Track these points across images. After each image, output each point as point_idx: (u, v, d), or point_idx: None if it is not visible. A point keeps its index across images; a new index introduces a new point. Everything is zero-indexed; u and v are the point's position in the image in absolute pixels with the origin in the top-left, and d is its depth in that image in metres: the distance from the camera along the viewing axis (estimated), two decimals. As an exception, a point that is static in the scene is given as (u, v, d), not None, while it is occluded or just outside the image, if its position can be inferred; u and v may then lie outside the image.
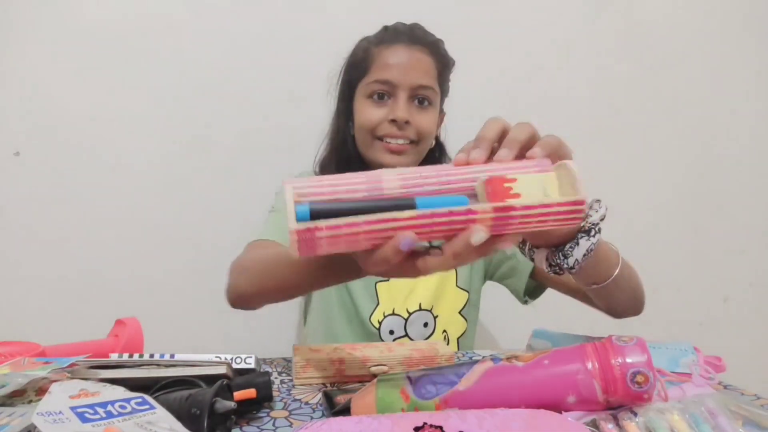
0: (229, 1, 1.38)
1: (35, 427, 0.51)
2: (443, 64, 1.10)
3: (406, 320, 1.10)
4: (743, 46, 1.61)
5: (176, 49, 1.37)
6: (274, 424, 0.66)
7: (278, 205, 1.04)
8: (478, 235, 0.50)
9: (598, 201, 0.73)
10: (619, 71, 1.56)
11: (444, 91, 1.13)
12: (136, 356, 0.71)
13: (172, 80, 1.37)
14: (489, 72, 1.49)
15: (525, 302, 1.14)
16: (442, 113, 1.15)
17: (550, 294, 1.59)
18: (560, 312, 1.56)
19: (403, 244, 0.50)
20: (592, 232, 0.70)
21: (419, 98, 1.05)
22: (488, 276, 1.18)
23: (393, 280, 1.09)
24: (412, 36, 1.07)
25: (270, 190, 1.21)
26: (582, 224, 0.69)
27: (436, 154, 1.17)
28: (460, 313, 1.15)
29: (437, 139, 1.17)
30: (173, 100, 1.38)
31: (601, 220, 0.71)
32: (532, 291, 1.12)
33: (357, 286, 1.10)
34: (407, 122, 1.03)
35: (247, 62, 1.39)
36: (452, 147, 1.22)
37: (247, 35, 1.39)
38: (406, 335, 1.11)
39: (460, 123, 1.46)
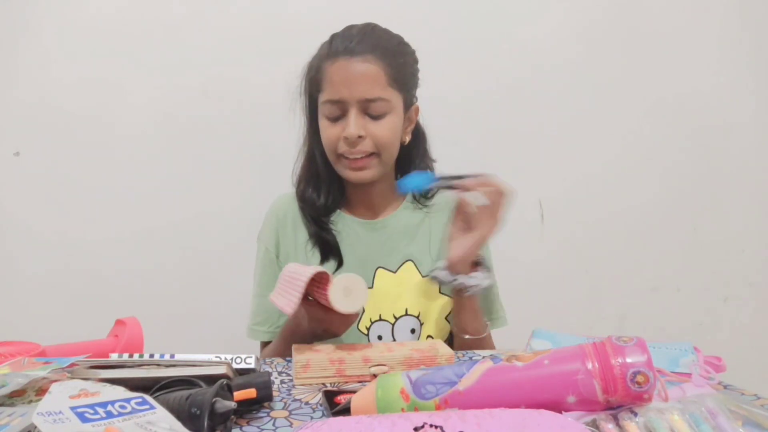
0: (232, 3, 1.39)
1: (35, 427, 0.51)
2: (396, 65, 1.06)
3: (393, 325, 1.10)
4: (743, 45, 1.61)
5: (176, 49, 1.37)
6: (274, 424, 0.66)
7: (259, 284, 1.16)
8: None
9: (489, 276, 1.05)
10: (620, 71, 1.56)
11: (407, 89, 1.09)
12: (136, 356, 0.71)
13: (173, 81, 1.37)
14: (491, 71, 1.50)
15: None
16: (414, 105, 1.13)
17: (549, 294, 1.59)
18: (560, 312, 1.57)
19: None
20: (473, 280, 1.02)
21: (370, 112, 1.04)
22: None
23: (377, 287, 1.11)
24: (359, 43, 1.04)
25: (271, 192, 1.21)
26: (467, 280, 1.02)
27: (417, 145, 1.16)
28: (446, 318, 1.14)
29: (418, 126, 1.15)
30: (174, 102, 1.38)
31: (483, 285, 1.03)
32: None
33: None
34: (360, 137, 1.03)
35: (249, 62, 1.39)
36: (434, 148, 1.22)
37: (247, 35, 1.39)
38: (394, 340, 1.11)
39: (445, 125, 1.47)
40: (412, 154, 1.16)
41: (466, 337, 1.06)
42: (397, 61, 1.07)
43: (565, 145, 1.55)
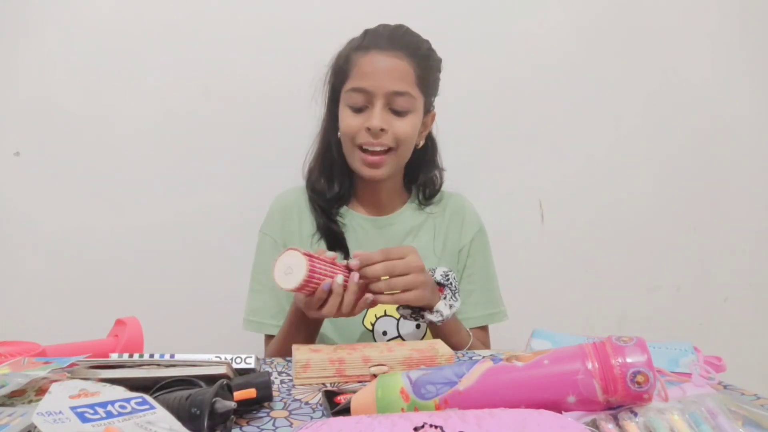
0: (232, 3, 1.39)
1: (35, 427, 0.51)
2: (424, 67, 1.09)
3: (398, 320, 1.11)
4: (743, 45, 1.61)
5: (176, 49, 1.37)
6: (274, 424, 0.66)
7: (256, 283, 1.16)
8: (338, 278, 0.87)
9: (452, 304, 0.97)
10: (619, 70, 1.56)
11: (429, 93, 1.12)
12: (136, 356, 0.71)
13: (173, 81, 1.37)
14: (490, 71, 1.50)
15: None
16: (431, 112, 1.15)
17: (549, 294, 1.59)
18: (560, 312, 1.57)
19: (325, 286, 0.86)
20: (437, 315, 0.95)
21: (395, 107, 1.06)
22: None
23: None
24: (391, 40, 1.07)
25: (272, 189, 1.21)
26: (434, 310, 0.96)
27: (427, 154, 1.18)
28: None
29: (430, 136, 1.18)
30: (174, 101, 1.38)
31: (446, 315, 0.96)
32: None
33: None
34: (383, 130, 1.04)
35: (249, 62, 1.39)
36: (449, 143, 1.22)
37: (247, 35, 1.39)
38: (399, 335, 1.11)
39: (459, 122, 1.47)
40: (423, 160, 1.18)
41: (465, 348, 1.04)
42: (425, 63, 1.10)
43: (565, 144, 1.55)
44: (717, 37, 1.60)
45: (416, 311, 0.97)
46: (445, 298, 0.97)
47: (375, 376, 0.81)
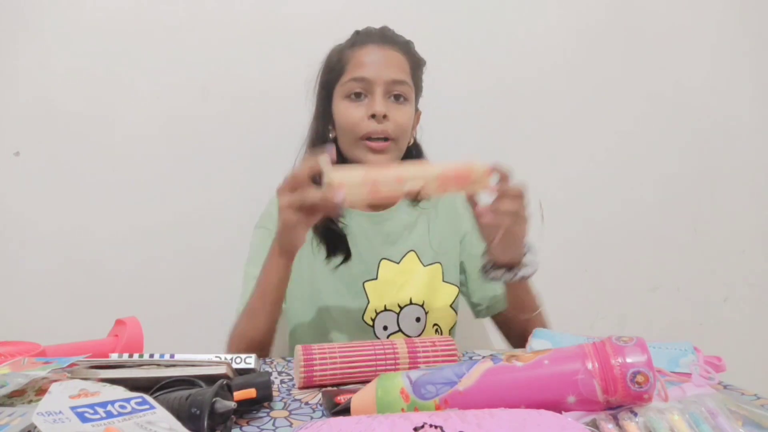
0: (232, 3, 1.39)
1: (35, 427, 0.51)
2: (415, 63, 1.13)
3: (398, 314, 1.12)
4: (744, 46, 1.61)
5: (176, 49, 1.37)
6: (274, 424, 0.66)
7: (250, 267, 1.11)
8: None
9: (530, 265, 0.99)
10: (619, 70, 1.56)
11: (418, 89, 1.15)
12: (136, 356, 0.71)
13: (173, 80, 1.37)
14: (491, 71, 1.50)
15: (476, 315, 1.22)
16: (417, 112, 1.17)
17: (549, 294, 1.58)
18: (560, 312, 1.56)
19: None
20: (516, 273, 0.98)
21: (395, 94, 1.08)
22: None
23: (382, 278, 1.12)
24: (384, 36, 1.11)
25: (271, 192, 1.21)
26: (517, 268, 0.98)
27: (413, 153, 1.18)
28: (451, 306, 1.16)
29: (414, 138, 1.18)
30: (174, 100, 1.38)
31: (529, 272, 0.98)
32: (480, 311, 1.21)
33: (342, 292, 1.12)
34: (385, 116, 1.05)
35: (250, 61, 1.39)
36: (433, 147, 1.22)
37: (249, 34, 1.39)
38: (400, 330, 1.12)
39: (444, 124, 1.47)
40: (412, 156, 1.17)
41: (527, 316, 1.03)
42: (414, 60, 1.14)
43: (564, 144, 1.55)
44: (717, 39, 1.60)
45: (498, 269, 0.98)
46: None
47: (375, 375, 0.80)
